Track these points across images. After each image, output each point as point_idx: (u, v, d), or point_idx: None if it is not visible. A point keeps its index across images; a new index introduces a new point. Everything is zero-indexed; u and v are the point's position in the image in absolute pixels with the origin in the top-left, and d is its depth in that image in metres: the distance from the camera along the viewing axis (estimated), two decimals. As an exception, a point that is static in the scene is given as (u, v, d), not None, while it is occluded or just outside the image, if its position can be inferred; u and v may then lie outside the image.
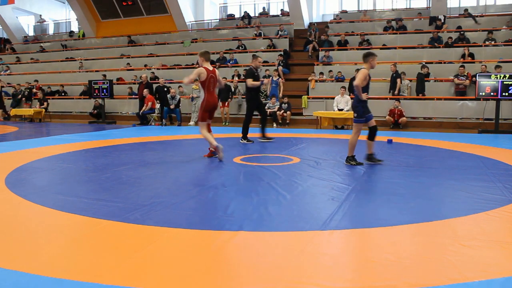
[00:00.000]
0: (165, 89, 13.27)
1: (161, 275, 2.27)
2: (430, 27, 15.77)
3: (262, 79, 8.35)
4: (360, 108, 5.67)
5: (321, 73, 14.21)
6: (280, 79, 13.61)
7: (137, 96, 14.36)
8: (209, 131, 6.32)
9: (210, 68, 6.13)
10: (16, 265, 2.39)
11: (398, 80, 12.48)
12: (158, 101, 13.46)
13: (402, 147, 7.73)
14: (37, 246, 2.72)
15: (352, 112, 6.11)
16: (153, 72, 16.23)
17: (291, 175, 4.98)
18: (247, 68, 8.46)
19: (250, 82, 8.20)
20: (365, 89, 5.65)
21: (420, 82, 12.28)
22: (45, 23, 25.96)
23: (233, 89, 13.55)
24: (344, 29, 17.19)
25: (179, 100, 13.34)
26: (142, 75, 14.38)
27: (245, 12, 20.77)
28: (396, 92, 12.46)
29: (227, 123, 13.21)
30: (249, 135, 8.43)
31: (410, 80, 12.72)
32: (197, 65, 16.83)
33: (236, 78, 14.44)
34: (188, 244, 2.77)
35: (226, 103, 13.27)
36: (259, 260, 2.52)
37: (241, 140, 8.39)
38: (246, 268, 2.41)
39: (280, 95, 13.25)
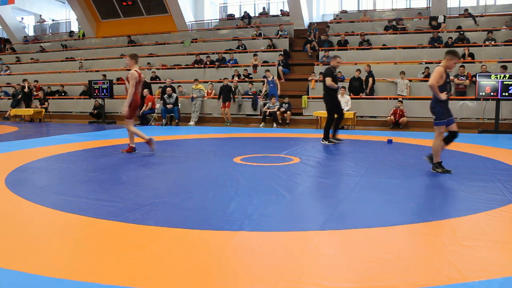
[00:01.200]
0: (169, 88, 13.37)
1: (161, 275, 2.27)
2: (430, 27, 15.77)
3: (339, 85, 7.99)
4: (439, 109, 5.18)
5: (321, 73, 14.19)
6: (275, 77, 13.60)
7: (137, 96, 14.34)
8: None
9: (139, 70, 6.72)
10: (16, 265, 2.39)
11: (370, 79, 12.68)
12: (162, 100, 13.51)
13: (402, 147, 7.73)
14: (37, 246, 2.72)
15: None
16: (154, 72, 16.24)
17: (291, 175, 4.98)
18: (326, 67, 8.13)
19: (329, 81, 7.79)
20: (443, 88, 5.15)
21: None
22: (45, 23, 25.96)
23: (233, 89, 13.55)
24: (344, 29, 17.20)
25: (177, 98, 13.31)
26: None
27: (245, 12, 20.78)
28: (367, 91, 12.69)
29: (228, 123, 13.23)
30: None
31: (410, 80, 12.72)
32: (195, 65, 16.80)
33: (236, 78, 14.44)
34: (188, 244, 2.77)
35: (227, 103, 13.27)
36: (259, 260, 2.52)
37: (322, 141, 8.09)
38: (246, 268, 2.41)
39: (278, 92, 13.29)
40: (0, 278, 2.24)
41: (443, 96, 5.10)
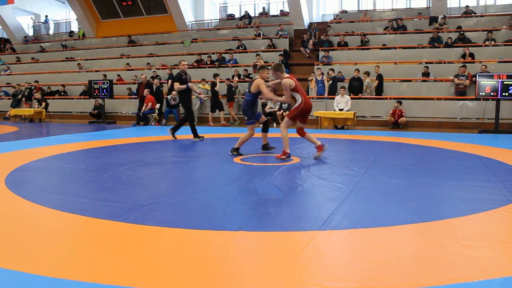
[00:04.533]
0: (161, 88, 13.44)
1: (161, 275, 2.27)
2: (430, 27, 15.77)
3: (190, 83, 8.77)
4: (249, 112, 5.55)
5: (321, 73, 14.20)
6: (324, 77, 13.27)
7: (137, 97, 14.35)
8: None
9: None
10: (16, 265, 2.39)
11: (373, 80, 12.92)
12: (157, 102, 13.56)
13: (402, 147, 7.73)
14: (37, 246, 2.72)
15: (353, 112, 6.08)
16: (155, 71, 16.23)
17: (291, 175, 4.98)
18: (177, 72, 8.88)
19: (177, 86, 8.57)
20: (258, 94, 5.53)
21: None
22: (44, 23, 25.94)
23: (233, 89, 13.56)
24: (344, 29, 17.21)
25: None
26: (141, 76, 14.39)
27: (246, 11, 20.78)
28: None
29: (236, 123, 13.25)
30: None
31: (373, 80, 12.79)
32: (195, 64, 16.74)
33: (236, 78, 14.45)
34: (188, 244, 2.77)
35: (231, 103, 13.32)
36: (259, 260, 2.52)
37: (194, 139, 8.69)
38: (246, 268, 2.41)
39: (325, 93, 13.13)
40: (0, 278, 2.24)
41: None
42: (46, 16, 25.62)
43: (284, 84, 6.05)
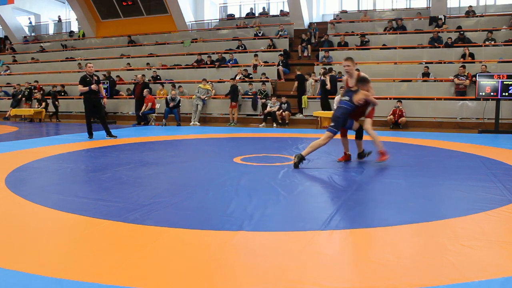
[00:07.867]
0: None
1: (161, 275, 2.27)
2: (430, 27, 15.78)
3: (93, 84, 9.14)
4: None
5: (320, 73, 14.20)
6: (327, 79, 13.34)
7: (133, 96, 14.31)
8: None
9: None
10: (16, 265, 2.39)
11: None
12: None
13: (402, 147, 7.73)
14: (37, 246, 2.72)
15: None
16: (155, 71, 16.23)
17: (291, 175, 4.98)
18: (83, 74, 9.31)
19: (80, 87, 9.09)
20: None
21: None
22: (43, 22, 25.98)
23: (237, 89, 13.57)
24: (344, 29, 17.21)
25: (179, 100, 13.36)
26: (138, 76, 14.40)
27: (251, 8, 20.83)
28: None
29: (233, 124, 13.22)
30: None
31: (316, 81, 12.99)
32: (195, 64, 16.74)
33: (238, 77, 14.48)
34: (188, 244, 2.77)
35: (234, 103, 13.32)
36: (259, 260, 2.51)
37: (88, 137, 9.26)
38: (246, 268, 2.41)
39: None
40: (0, 278, 2.24)
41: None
42: (29, 18, 25.71)
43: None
